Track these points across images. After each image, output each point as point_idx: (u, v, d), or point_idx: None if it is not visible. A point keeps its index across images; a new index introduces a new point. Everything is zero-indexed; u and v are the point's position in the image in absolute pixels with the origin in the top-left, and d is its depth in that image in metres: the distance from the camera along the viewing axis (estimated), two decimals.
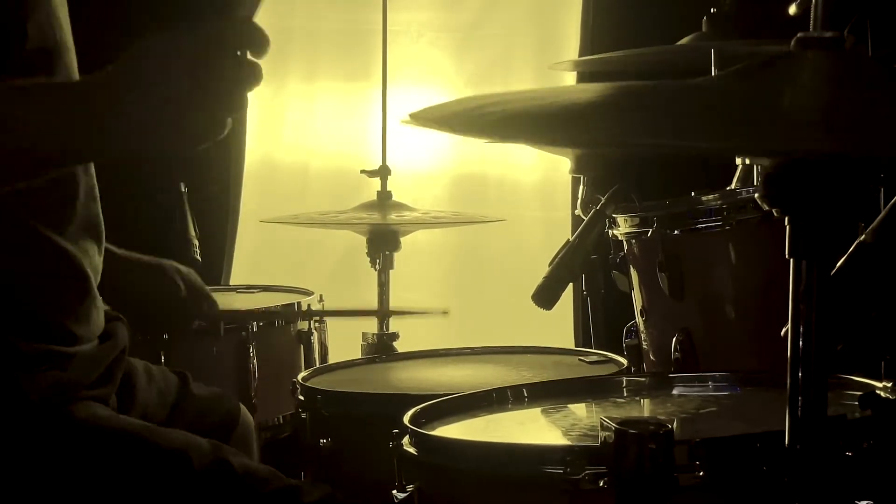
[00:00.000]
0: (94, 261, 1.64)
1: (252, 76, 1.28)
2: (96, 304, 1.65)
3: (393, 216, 2.75)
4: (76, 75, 1.59)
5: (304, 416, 2.01)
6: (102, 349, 1.66)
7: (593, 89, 1.11)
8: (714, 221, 2.15)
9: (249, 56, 1.28)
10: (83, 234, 1.61)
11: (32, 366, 1.52)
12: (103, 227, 1.66)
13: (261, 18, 3.96)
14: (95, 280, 1.64)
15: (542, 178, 3.85)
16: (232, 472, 1.56)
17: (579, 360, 2.15)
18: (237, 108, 1.27)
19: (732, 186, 2.50)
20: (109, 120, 1.27)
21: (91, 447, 1.53)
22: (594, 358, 2.13)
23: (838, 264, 1.20)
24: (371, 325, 2.78)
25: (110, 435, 1.55)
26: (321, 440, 1.95)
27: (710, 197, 2.17)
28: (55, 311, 1.58)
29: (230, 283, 3.58)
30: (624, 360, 2.09)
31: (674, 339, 2.20)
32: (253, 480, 1.58)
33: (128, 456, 1.54)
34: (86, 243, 1.62)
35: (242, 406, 2.01)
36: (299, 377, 2.11)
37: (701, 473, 1.20)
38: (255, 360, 2.56)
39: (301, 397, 2.03)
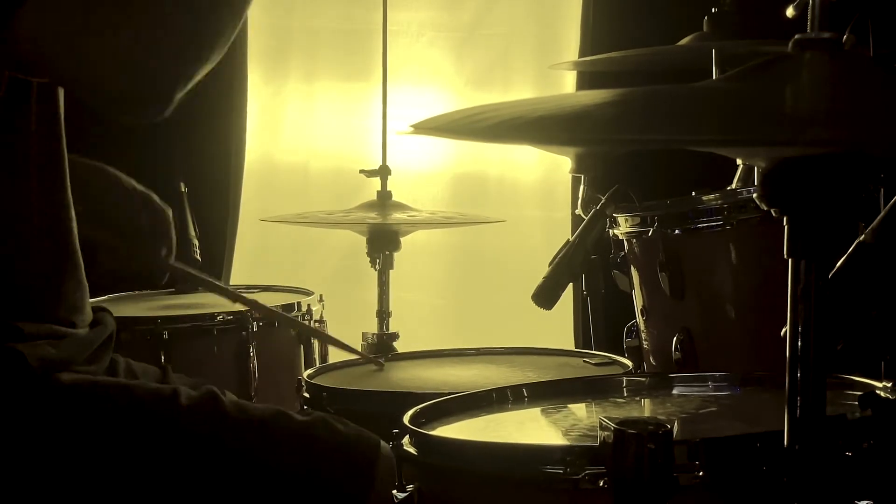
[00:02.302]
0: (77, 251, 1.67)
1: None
2: (86, 294, 1.68)
3: (393, 216, 2.75)
4: None
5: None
6: (92, 333, 1.69)
7: (593, 95, 1.11)
8: (715, 221, 2.15)
9: None
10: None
11: (29, 339, 1.54)
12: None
13: (261, 18, 3.97)
14: (84, 270, 1.67)
15: (542, 178, 3.85)
16: (219, 402, 1.59)
17: (584, 361, 2.16)
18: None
19: (733, 186, 2.50)
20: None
21: (79, 403, 1.54)
22: (599, 360, 2.13)
23: (838, 264, 1.20)
24: (371, 325, 2.78)
25: (96, 386, 1.58)
26: None
27: (711, 196, 2.17)
28: (53, 299, 1.60)
29: (230, 283, 3.58)
30: (628, 363, 2.09)
31: (674, 338, 2.20)
32: (241, 408, 1.60)
33: (115, 403, 1.56)
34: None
35: (230, 395, 2.01)
36: (304, 374, 2.12)
37: (701, 473, 1.20)
38: (255, 360, 2.56)
39: (306, 395, 2.04)
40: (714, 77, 2.62)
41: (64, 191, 1.64)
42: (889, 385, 1.33)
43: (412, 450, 1.38)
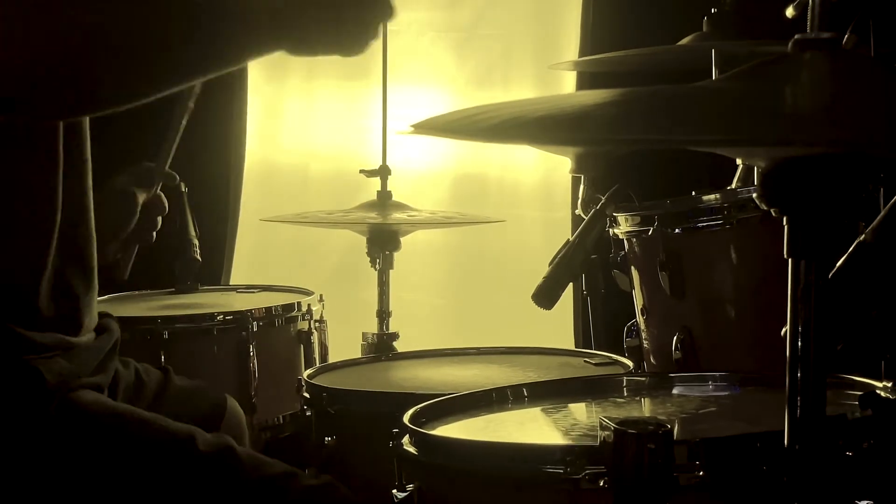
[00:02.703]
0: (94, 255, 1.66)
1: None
2: (95, 296, 1.68)
3: (393, 216, 2.75)
4: None
5: (308, 413, 2.01)
6: (99, 340, 1.69)
7: (593, 95, 1.11)
8: (715, 220, 2.15)
9: None
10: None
11: (42, 352, 1.53)
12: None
13: None
14: (94, 273, 1.66)
15: (542, 178, 3.85)
16: (235, 456, 1.58)
17: (584, 361, 2.16)
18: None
19: (733, 186, 2.50)
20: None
21: (97, 429, 1.55)
22: (599, 360, 2.13)
23: (838, 264, 1.20)
24: (371, 325, 2.78)
25: (115, 417, 1.58)
26: (326, 438, 1.95)
27: (711, 196, 2.17)
28: (64, 300, 1.59)
29: (230, 283, 3.58)
30: (629, 363, 2.09)
31: (675, 338, 2.20)
32: (255, 464, 1.60)
33: (132, 437, 1.57)
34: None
35: (232, 400, 2.01)
36: (304, 374, 2.12)
37: (701, 473, 1.20)
38: (255, 360, 2.56)
39: (306, 395, 2.03)
40: (714, 77, 2.62)
41: (85, 194, 1.64)
42: (889, 385, 1.33)
43: (412, 450, 1.38)
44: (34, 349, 1.54)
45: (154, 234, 2.04)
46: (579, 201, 2.41)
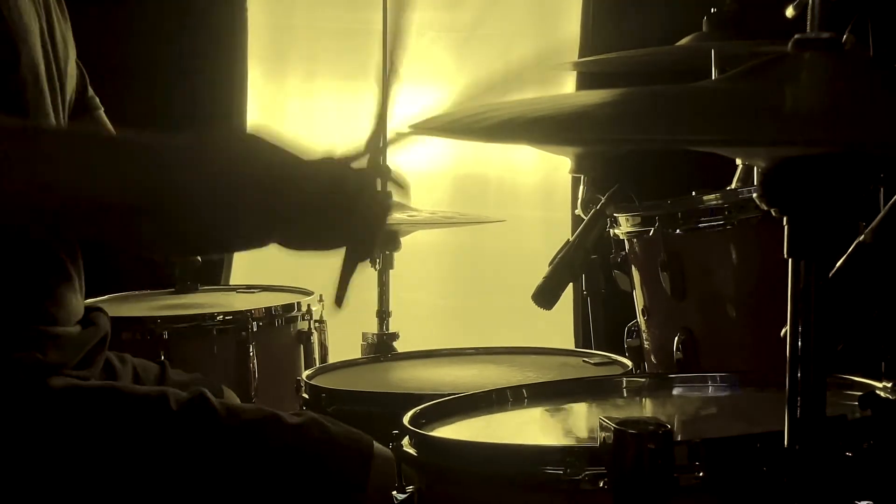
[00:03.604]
0: (70, 246, 1.65)
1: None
2: (74, 287, 1.66)
3: (393, 216, 2.74)
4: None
5: None
6: (84, 334, 1.68)
7: (593, 95, 1.11)
8: (716, 221, 2.15)
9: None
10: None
11: (13, 346, 1.53)
12: None
13: (261, 17, 3.96)
14: (74, 265, 1.65)
15: (542, 178, 3.85)
16: (210, 407, 1.58)
17: (583, 361, 2.15)
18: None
19: (733, 186, 2.50)
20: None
21: (68, 408, 1.54)
22: (599, 360, 2.13)
23: (838, 264, 1.20)
24: (371, 325, 2.78)
25: (86, 392, 1.57)
26: None
27: (712, 196, 2.17)
28: (33, 293, 1.59)
29: (230, 283, 3.58)
30: (628, 362, 2.09)
31: (676, 338, 2.20)
32: (232, 411, 1.60)
33: (105, 407, 1.56)
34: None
35: (229, 391, 2.01)
36: (304, 375, 2.11)
37: (701, 474, 1.20)
38: (255, 360, 2.56)
39: (305, 395, 2.03)
40: (714, 77, 2.62)
41: None
42: (889, 385, 1.33)
43: (412, 450, 1.38)
44: (12, 342, 1.54)
45: None
46: (579, 201, 2.41)
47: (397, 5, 1.48)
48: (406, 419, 1.44)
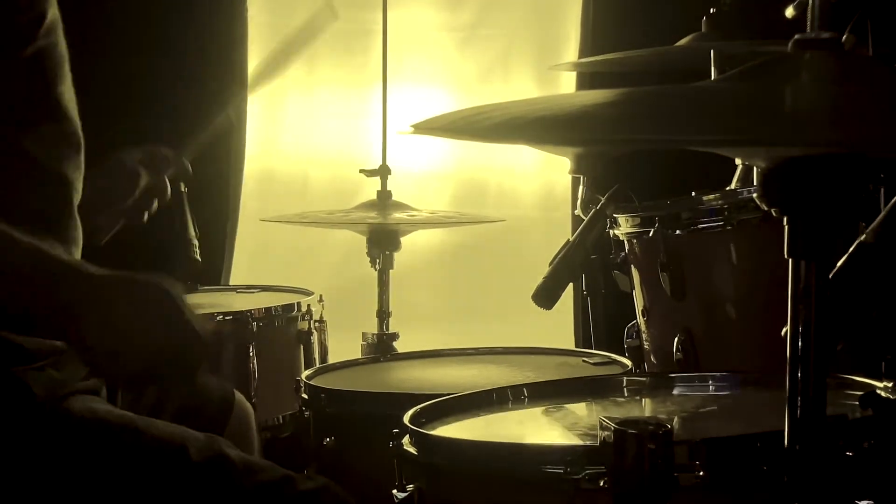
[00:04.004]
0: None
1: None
2: None
3: (393, 216, 2.75)
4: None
5: (307, 414, 2.01)
6: None
7: (593, 95, 1.12)
8: (715, 221, 2.15)
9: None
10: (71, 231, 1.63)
11: (30, 361, 1.53)
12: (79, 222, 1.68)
13: (261, 17, 3.98)
14: None
15: (542, 178, 3.85)
16: (229, 463, 1.57)
17: (583, 361, 2.15)
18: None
19: (733, 186, 2.50)
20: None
21: (89, 440, 1.53)
22: (598, 359, 2.13)
23: (838, 264, 1.20)
24: (371, 325, 2.78)
25: (108, 427, 1.56)
26: (324, 438, 1.95)
27: (712, 197, 2.17)
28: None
29: (230, 283, 3.58)
30: (628, 362, 2.09)
31: (675, 339, 2.20)
32: (249, 470, 1.59)
33: (125, 447, 1.55)
34: (76, 235, 1.64)
35: (240, 395, 2.01)
36: (303, 375, 2.11)
37: (701, 473, 1.20)
38: (255, 360, 2.56)
39: (305, 396, 2.03)
40: (714, 77, 2.62)
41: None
42: (889, 385, 1.33)
43: (412, 450, 1.38)
44: (24, 359, 1.53)
45: (146, 215, 2.01)
46: (579, 201, 2.41)
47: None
48: (406, 418, 1.44)
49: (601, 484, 1.19)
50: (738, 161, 2.44)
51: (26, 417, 1.51)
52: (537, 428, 1.59)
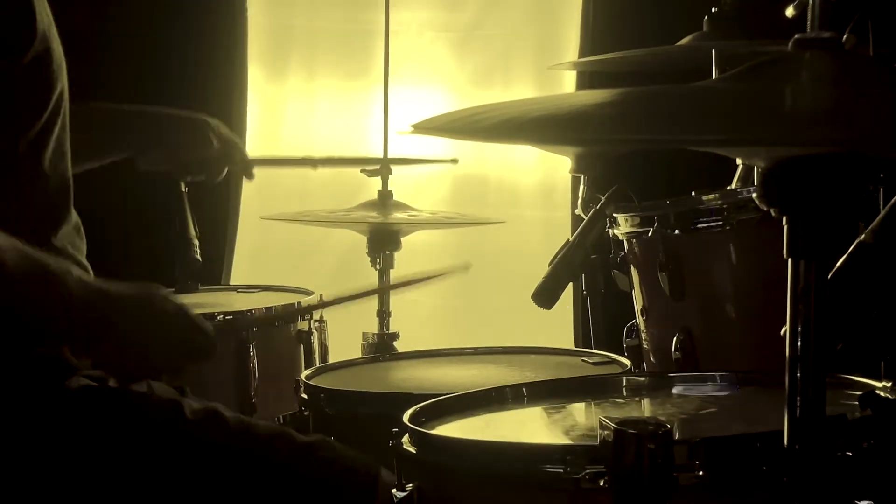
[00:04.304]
0: (82, 257, 1.66)
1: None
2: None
3: (393, 216, 2.75)
4: (66, 90, 1.61)
5: (307, 414, 2.01)
6: None
7: (593, 95, 1.12)
8: (715, 221, 2.15)
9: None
10: (73, 234, 1.63)
11: (37, 343, 1.54)
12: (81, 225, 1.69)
13: (261, 17, 3.99)
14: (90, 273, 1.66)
15: (542, 178, 3.85)
16: (223, 420, 1.60)
17: (582, 360, 2.16)
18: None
19: (732, 186, 2.50)
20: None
21: (85, 409, 1.55)
22: (597, 359, 2.13)
23: (838, 264, 1.20)
24: (371, 325, 2.78)
25: (102, 394, 1.58)
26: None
27: (711, 196, 2.17)
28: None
29: (230, 283, 3.58)
30: (627, 362, 2.09)
31: (674, 338, 2.20)
32: (244, 426, 1.60)
33: (120, 410, 1.57)
34: (75, 240, 1.64)
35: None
36: (302, 375, 2.11)
37: (701, 473, 1.20)
38: (255, 360, 2.56)
39: (304, 395, 2.03)
40: (714, 77, 2.62)
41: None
42: (889, 385, 1.33)
43: (412, 449, 1.38)
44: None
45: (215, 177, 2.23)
46: (579, 201, 2.41)
47: None
48: (406, 417, 1.44)
49: (601, 484, 1.19)
50: (738, 161, 2.44)
51: (30, 394, 1.53)
52: (537, 428, 1.59)
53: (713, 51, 2.70)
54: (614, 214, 2.32)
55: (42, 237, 1.56)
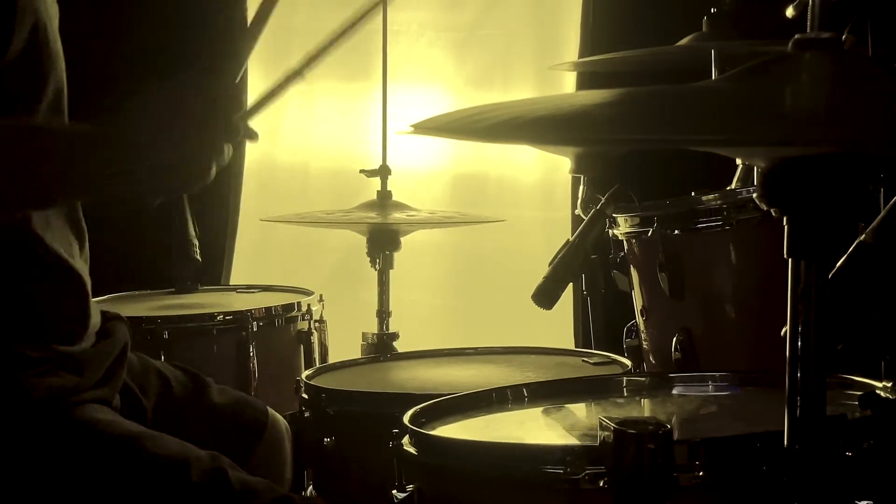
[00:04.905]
0: (80, 258, 1.65)
1: (237, 136, 1.56)
2: (89, 300, 1.66)
3: (393, 216, 2.75)
4: (64, 87, 1.60)
5: (307, 414, 2.01)
6: (101, 347, 1.66)
7: (593, 95, 1.12)
8: (714, 221, 2.15)
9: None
10: (68, 234, 1.62)
11: (36, 367, 1.52)
12: (84, 224, 1.67)
13: None
14: (85, 276, 1.65)
15: (542, 178, 3.85)
16: (228, 486, 1.56)
17: (583, 360, 2.16)
18: (223, 161, 1.53)
19: (732, 186, 2.50)
20: (123, 163, 1.43)
21: (89, 451, 1.53)
22: (597, 359, 2.13)
23: (838, 264, 1.20)
24: (371, 325, 2.78)
25: (109, 440, 1.56)
26: (324, 439, 1.95)
27: (711, 197, 2.18)
28: (51, 311, 1.58)
29: (230, 283, 3.58)
30: (627, 362, 2.09)
31: (674, 338, 2.20)
32: (247, 492, 1.58)
33: (125, 462, 1.54)
34: (71, 239, 1.63)
35: (274, 413, 2.00)
36: (303, 375, 2.11)
37: (701, 473, 1.20)
38: (255, 360, 2.56)
39: (305, 395, 2.03)
40: (714, 77, 2.62)
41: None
42: (889, 385, 1.33)
43: (412, 450, 1.38)
44: (26, 364, 1.53)
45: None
46: (579, 201, 2.41)
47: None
48: (406, 418, 1.44)
49: (601, 484, 1.19)
50: (738, 161, 2.44)
51: (23, 419, 1.50)
52: (537, 428, 1.59)
53: (712, 51, 2.70)
54: (614, 214, 2.32)
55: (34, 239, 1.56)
